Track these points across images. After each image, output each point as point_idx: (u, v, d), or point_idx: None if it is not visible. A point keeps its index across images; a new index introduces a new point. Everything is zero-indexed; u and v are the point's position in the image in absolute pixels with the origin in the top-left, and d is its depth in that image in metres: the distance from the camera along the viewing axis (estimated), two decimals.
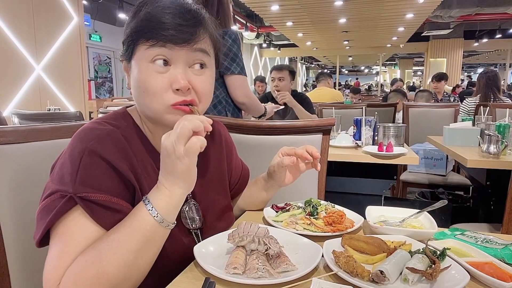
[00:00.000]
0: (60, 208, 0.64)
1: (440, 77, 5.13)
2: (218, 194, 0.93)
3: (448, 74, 5.51)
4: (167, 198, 0.67)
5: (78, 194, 0.64)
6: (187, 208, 0.83)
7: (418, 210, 0.97)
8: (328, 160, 1.84)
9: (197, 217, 0.84)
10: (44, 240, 0.66)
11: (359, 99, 6.56)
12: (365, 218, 0.95)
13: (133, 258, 0.64)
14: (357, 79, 23.25)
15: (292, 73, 2.96)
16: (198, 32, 0.72)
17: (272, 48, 14.41)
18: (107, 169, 0.68)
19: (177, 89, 0.71)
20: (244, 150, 1.44)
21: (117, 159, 0.69)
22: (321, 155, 1.45)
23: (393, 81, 7.95)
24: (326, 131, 1.44)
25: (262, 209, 1.04)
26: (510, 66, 15.36)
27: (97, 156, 0.67)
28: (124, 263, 0.63)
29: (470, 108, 3.59)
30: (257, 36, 12.07)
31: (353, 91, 7.16)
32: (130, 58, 0.74)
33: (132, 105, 0.84)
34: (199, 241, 0.82)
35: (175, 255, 0.76)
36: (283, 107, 2.63)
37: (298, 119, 2.70)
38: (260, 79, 6.62)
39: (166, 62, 0.71)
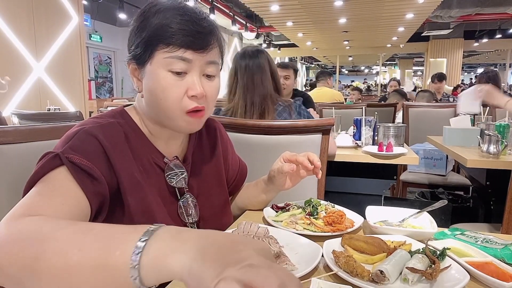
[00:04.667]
0: (46, 164, 0.65)
1: (441, 77, 5.15)
2: (215, 189, 0.94)
3: (448, 74, 5.53)
4: (161, 262, 0.43)
5: (65, 154, 0.66)
6: (184, 203, 0.84)
7: (418, 210, 0.97)
8: (328, 160, 1.84)
9: (194, 212, 0.85)
10: None
11: (359, 99, 6.56)
12: (365, 218, 0.95)
13: (77, 268, 0.46)
14: (352, 81, 23.27)
15: (296, 72, 2.97)
16: (212, 40, 0.76)
17: (272, 48, 14.41)
18: (98, 149, 0.70)
19: (192, 96, 0.74)
20: (245, 149, 1.45)
21: (111, 147, 0.71)
22: (321, 155, 1.46)
23: (389, 81, 7.88)
24: (325, 131, 1.44)
25: (262, 209, 1.04)
26: (510, 66, 15.36)
27: (92, 136, 0.70)
28: (65, 262, 0.46)
29: None
30: (257, 36, 12.06)
31: (355, 89, 7.19)
32: (144, 62, 0.75)
33: (130, 105, 0.85)
34: None
35: None
36: None
37: None
38: None
39: (182, 72, 0.74)
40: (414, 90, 8.22)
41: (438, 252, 0.72)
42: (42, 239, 0.49)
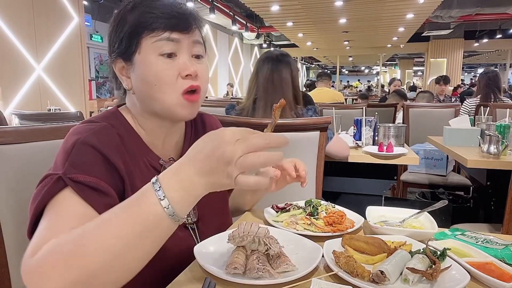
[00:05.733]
0: (50, 189, 0.63)
1: (448, 80, 5.21)
2: None
3: (448, 74, 5.58)
4: (186, 193, 0.55)
5: (67, 175, 0.64)
6: None
7: (419, 210, 0.97)
8: (329, 160, 1.85)
9: (192, 212, 0.84)
10: (35, 229, 0.65)
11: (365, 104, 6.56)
12: (365, 218, 0.95)
13: (120, 246, 0.53)
14: (347, 82, 23.26)
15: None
16: (194, 21, 0.77)
17: (272, 49, 14.43)
18: (98, 159, 0.69)
19: (186, 75, 0.74)
20: None
21: (110, 151, 0.70)
22: (318, 152, 1.48)
23: (391, 81, 7.80)
24: (323, 128, 1.47)
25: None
26: (510, 66, 15.36)
27: (89, 146, 0.68)
28: (108, 248, 0.53)
29: (471, 109, 3.59)
30: (257, 37, 12.08)
31: (361, 97, 7.18)
32: (132, 54, 0.74)
33: (123, 105, 0.85)
34: (195, 236, 0.83)
35: (172, 250, 0.75)
36: None
37: None
38: None
39: (172, 53, 0.74)
40: (414, 90, 8.20)
41: (439, 253, 0.72)
42: (76, 252, 0.52)
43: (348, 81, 24.13)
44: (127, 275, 0.56)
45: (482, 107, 2.71)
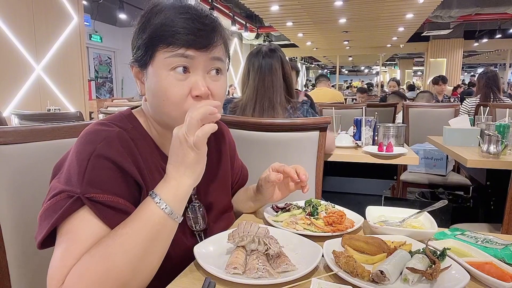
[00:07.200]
0: (67, 208, 0.63)
1: (446, 79, 5.21)
2: (221, 194, 0.93)
3: (448, 74, 5.61)
4: (175, 190, 0.67)
5: (85, 194, 0.64)
6: (191, 210, 0.83)
7: (418, 210, 0.97)
8: (328, 160, 1.85)
9: (201, 219, 0.85)
10: (46, 242, 0.65)
11: (366, 99, 6.58)
12: (365, 218, 0.95)
13: (142, 253, 0.63)
14: (349, 81, 23.23)
15: (297, 73, 2.96)
16: (215, 38, 0.73)
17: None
18: (115, 172, 0.68)
19: (197, 96, 0.71)
20: (246, 145, 1.48)
21: (125, 161, 0.69)
22: (318, 152, 1.48)
23: (389, 81, 7.80)
24: (322, 128, 1.47)
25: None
26: (510, 66, 15.37)
27: (105, 159, 0.67)
28: (133, 258, 0.62)
29: (470, 108, 3.59)
30: (257, 37, 12.07)
31: (360, 90, 7.19)
32: (146, 64, 0.73)
33: (137, 107, 0.84)
34: None
35: (179, 256, 0.76)
36: None
37: None
38: None
39: (185, 69, 0.71)
40: (413, 89, 8.18)
41: (438, 252, 0.72)
42: (109, 270, 0.60)
43: (345, 80, 24.13)
44: (150, 276, 0.66)
45: (481, 107, 2.71)
